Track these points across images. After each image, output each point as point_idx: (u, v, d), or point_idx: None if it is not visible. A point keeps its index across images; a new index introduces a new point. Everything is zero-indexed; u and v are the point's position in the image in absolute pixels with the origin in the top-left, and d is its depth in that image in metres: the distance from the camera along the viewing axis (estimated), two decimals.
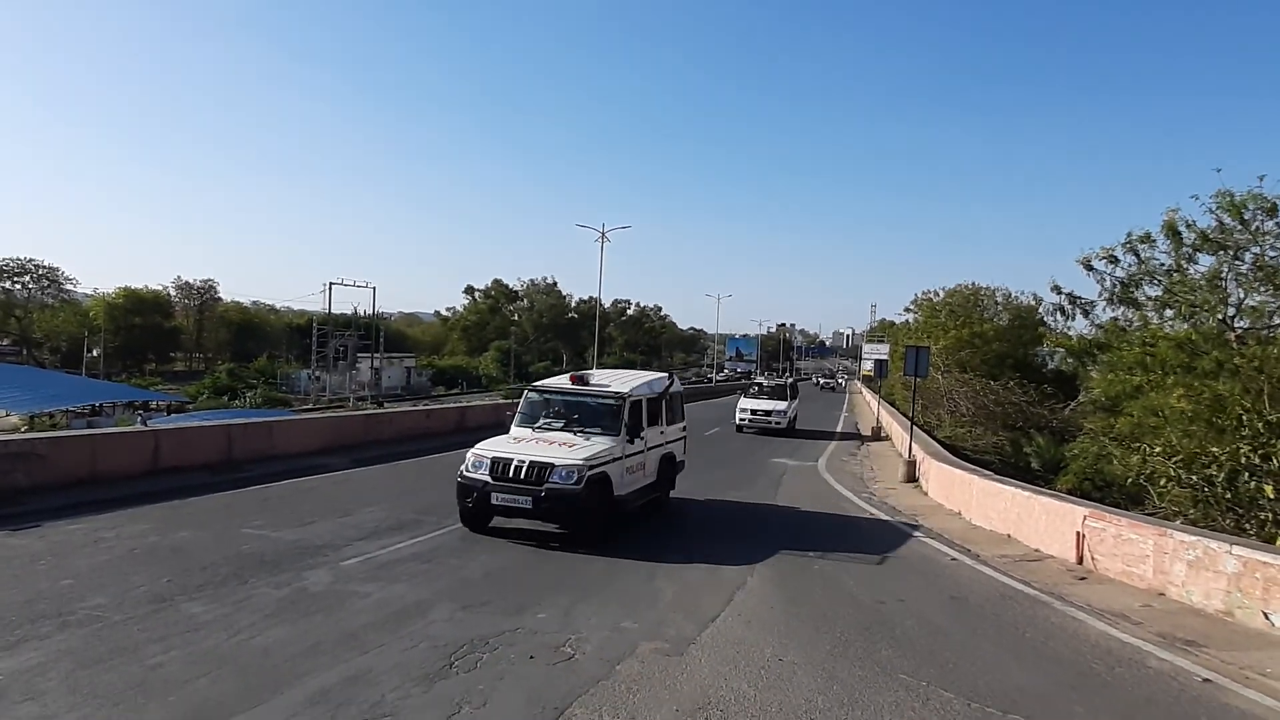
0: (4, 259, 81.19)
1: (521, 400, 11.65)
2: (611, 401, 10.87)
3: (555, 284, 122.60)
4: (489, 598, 7.38)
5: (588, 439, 10.36)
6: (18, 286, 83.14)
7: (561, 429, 10.77)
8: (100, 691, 4.96)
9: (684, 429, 13.54)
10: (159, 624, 6.19)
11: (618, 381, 11.59)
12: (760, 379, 35.01)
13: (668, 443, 12.46)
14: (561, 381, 11.77)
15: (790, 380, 34.31)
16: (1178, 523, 10.99)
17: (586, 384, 11.30)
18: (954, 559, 10.36)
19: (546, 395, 11.53)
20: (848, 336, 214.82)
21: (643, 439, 11.14)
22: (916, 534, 11.95)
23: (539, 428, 10.93)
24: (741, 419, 28.13)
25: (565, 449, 9.97)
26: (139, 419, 34.13)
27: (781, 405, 28.25)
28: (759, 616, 7.35)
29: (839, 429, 32.77)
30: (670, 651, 6.23)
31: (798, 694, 5.53)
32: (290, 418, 25.10)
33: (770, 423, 27.73)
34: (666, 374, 13.38)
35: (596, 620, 6.89)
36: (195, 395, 54.86)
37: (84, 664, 5.34)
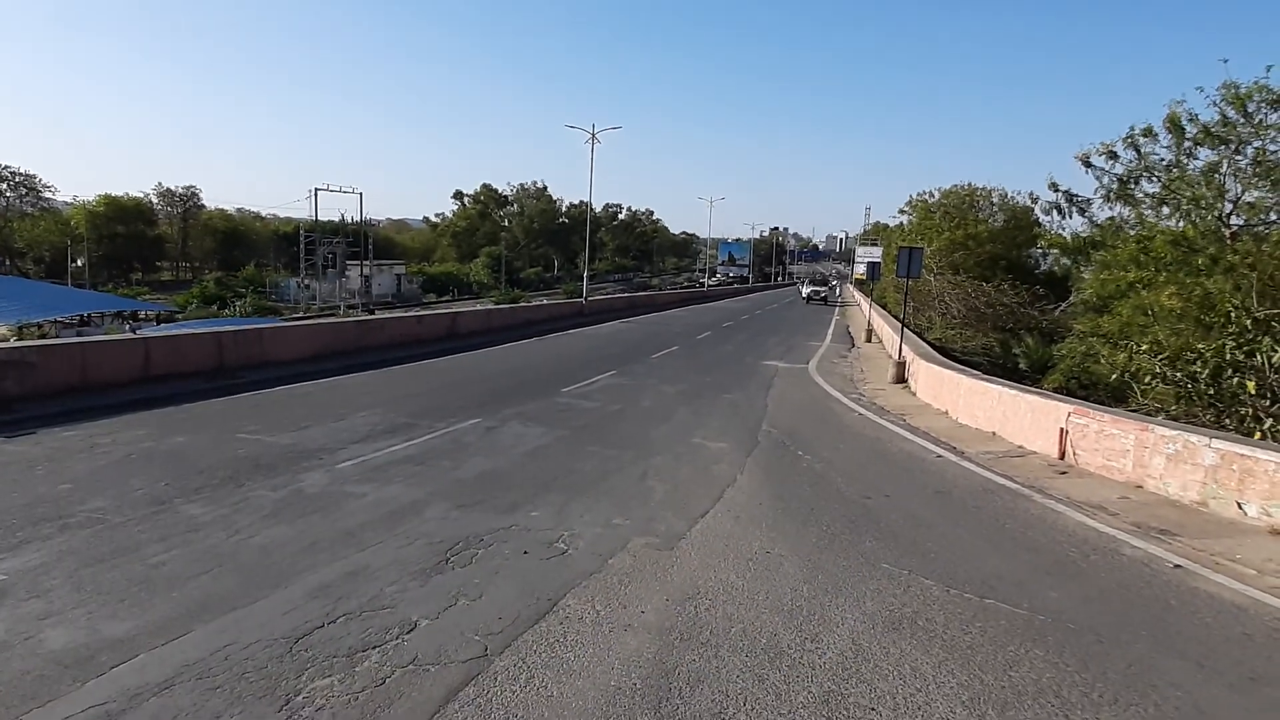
0: None
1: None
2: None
3: (545, 188, 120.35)
4: (482, 497, 7.53)
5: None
6: None
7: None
8: (104, 589, 5.09)
9: None
10: (159, 525, 6.31)
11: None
12: None
13: None
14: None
15: None
16: (1160, 418, 11.17)
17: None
18: (939, 455, 10.57)
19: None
20: (841, 240, 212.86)
21: None
22: (904, 432, 12.15)
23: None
24: None
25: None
26: (128, 328, 33.99)
27: None
28: (748, 512, 7.53)
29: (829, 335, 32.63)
30: (661, 546, 6.40)
31: (784, 583, 5.71)
32: (282, 325, 24.96)
33: None
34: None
35: (589, 517, 7.05)
36: (184, 304, 54.33)
37: (86, 563, 5.46)
